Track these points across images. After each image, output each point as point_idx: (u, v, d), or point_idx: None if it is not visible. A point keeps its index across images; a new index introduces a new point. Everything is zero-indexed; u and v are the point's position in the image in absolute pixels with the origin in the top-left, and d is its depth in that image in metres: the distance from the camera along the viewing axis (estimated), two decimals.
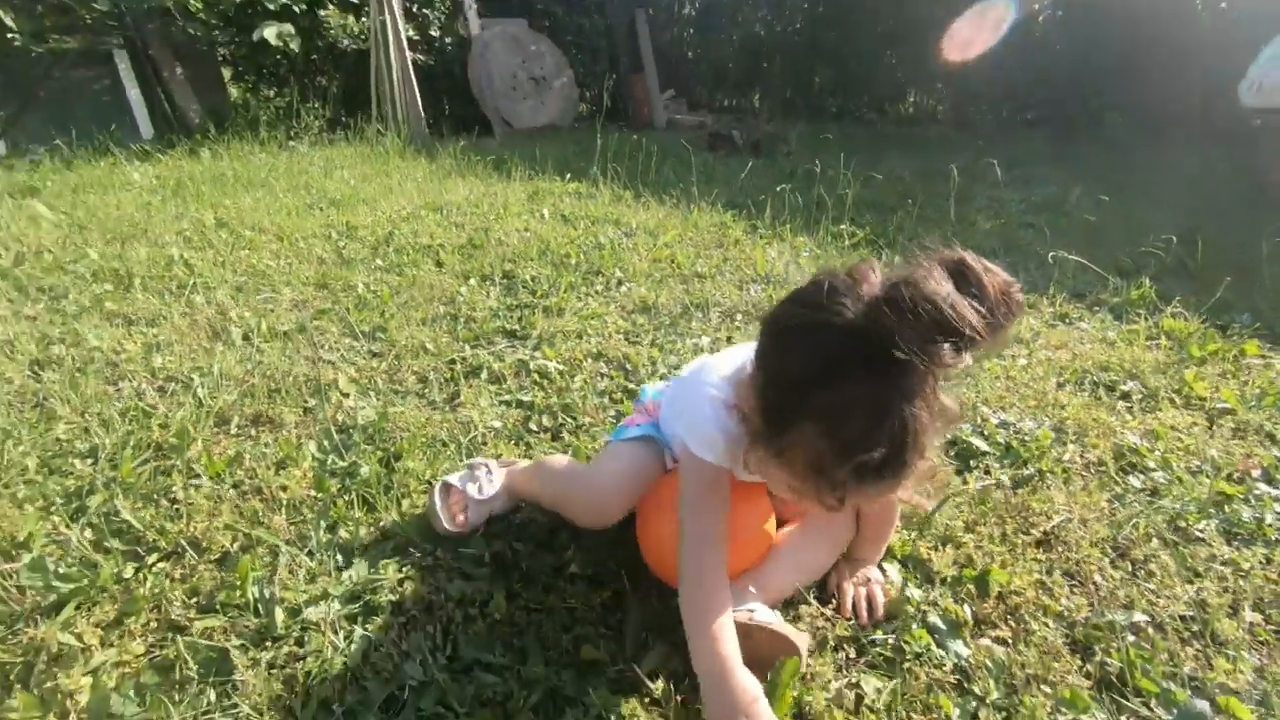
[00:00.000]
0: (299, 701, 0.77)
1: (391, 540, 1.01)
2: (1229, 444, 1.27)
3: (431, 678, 0.80)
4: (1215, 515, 1.08)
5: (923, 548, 1.01)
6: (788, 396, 0.66)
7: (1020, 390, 1.46)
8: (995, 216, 2.83)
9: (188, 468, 1.15)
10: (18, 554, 0.96)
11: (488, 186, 3.31)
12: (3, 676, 0.80)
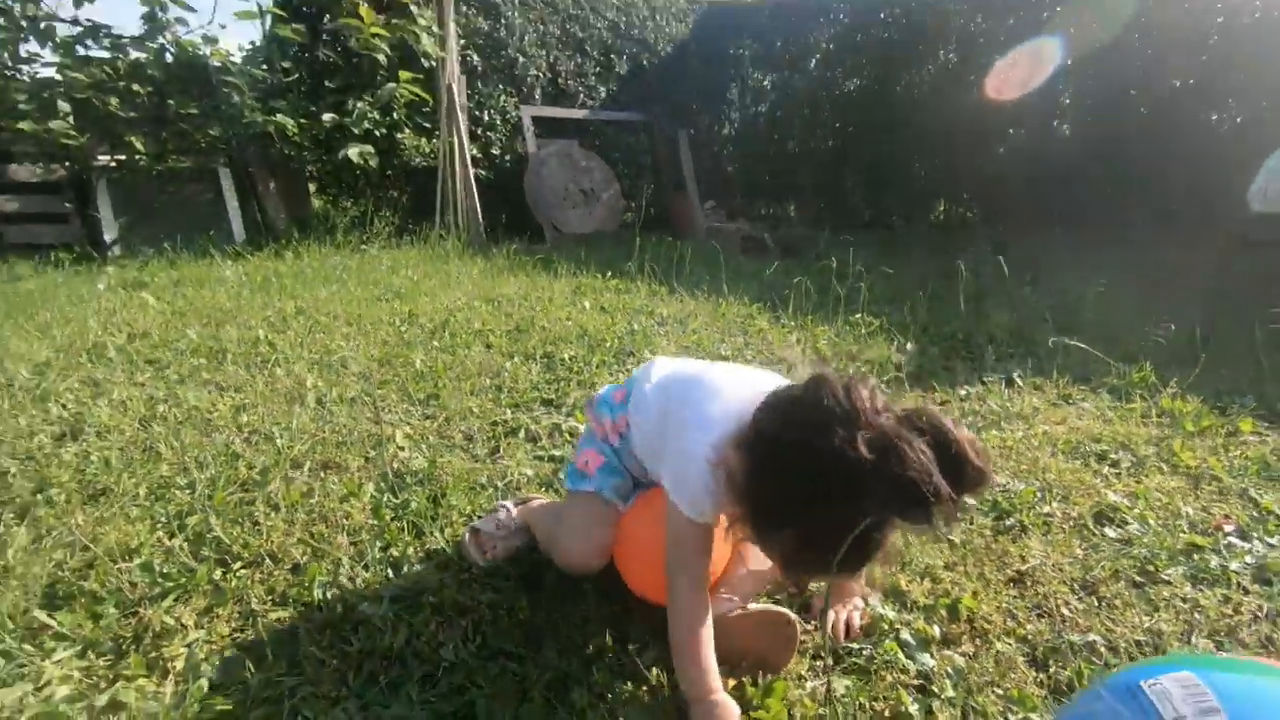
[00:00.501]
0: (351, 674, 0.92)
1: (435, 559, 1.18)
2: (1209, 504, 1.35)
3: (462, 660, 0.94)
4: (1184, 562, 1.16)
5: (902, 580, 1.12)
6: (776, 511, 0.74)
7: (1013, 457, 1.57)
8: (1010, 310, 2.97)
9: (268, 499, 1.35)
10: (131, 558, 1.15)
11: (535, 282, 3.63)
12: (120, 644, 0.97)
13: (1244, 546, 1.20)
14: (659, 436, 0.98)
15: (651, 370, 1.09)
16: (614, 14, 6.68)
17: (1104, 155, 5.17)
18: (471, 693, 0.89)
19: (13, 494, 1.36)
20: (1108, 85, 5.12)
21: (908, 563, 1.16)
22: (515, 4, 5.99)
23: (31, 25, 4.00)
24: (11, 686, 0.88)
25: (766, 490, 0.75)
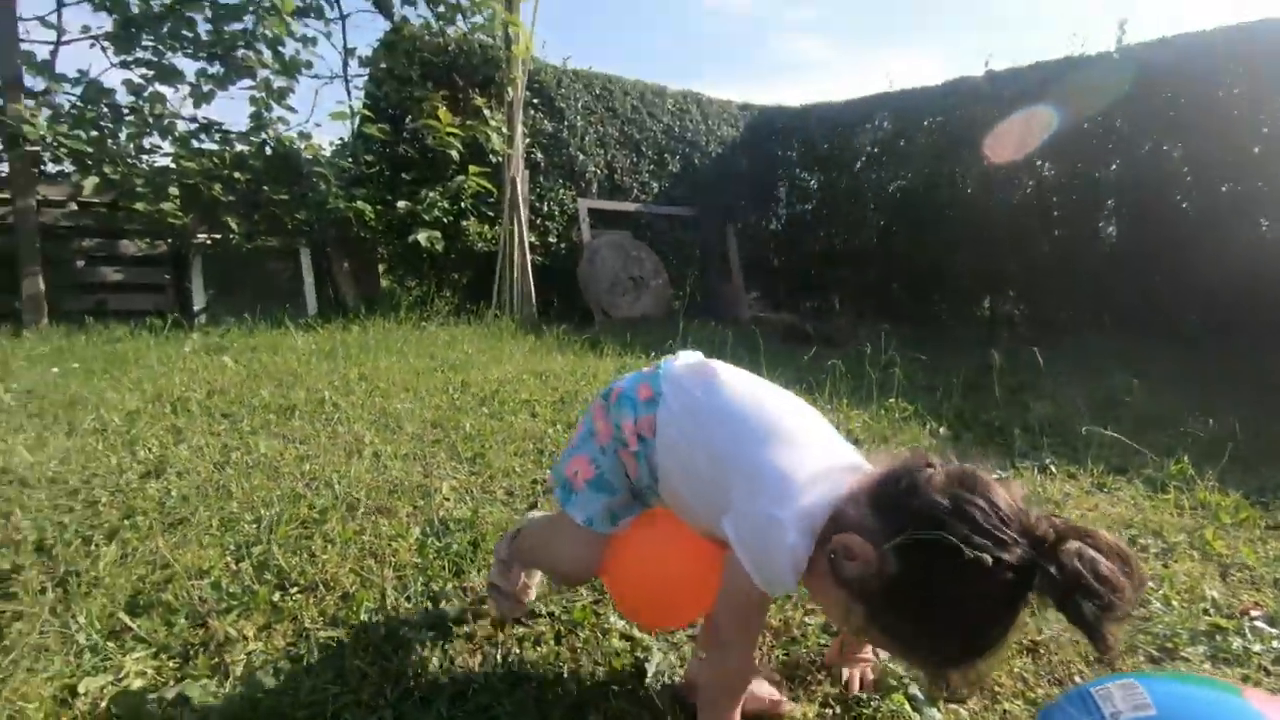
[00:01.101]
0: (389, 688, 1.00)
1: (471, 595, 1.26)
2: (1237, 590, 1.34)
3: (490, 683, 1.01)
4: (1205, 642, 1.16)
5: None
6: (924, 612, 0.68)
7: None
8: (1049, 401, 2.98)
9: (324, 535, 1.47)
10: (202, 577, 1.27)
11: (582, 360, 3.80)
12: (189, 649, 1.08)
13: (1271, 632, 1.19)
14: (710, 479, 0.88)
15: (708, 380, 0.96)
16: (669, 118, 7.17)
17: (1150, 256, 5.20)
18: (496, 710, 0.96)
19: (103, 520, 1.51)
20: (1154, 187, 5.20)
21: None
22: (578, 108, 6.50)
23: (157, 121, 4.56)
24: (95, 676, 0.99)
25: (911, 604, 0.69)
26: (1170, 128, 5.12)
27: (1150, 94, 5.11)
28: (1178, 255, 5.06)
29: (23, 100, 4.06)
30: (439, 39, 5.49)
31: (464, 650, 1.10)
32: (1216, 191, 4.97)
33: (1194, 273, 4.98)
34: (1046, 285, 5.89)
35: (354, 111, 5.17)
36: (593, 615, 1.20)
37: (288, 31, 4.80)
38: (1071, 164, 5.68)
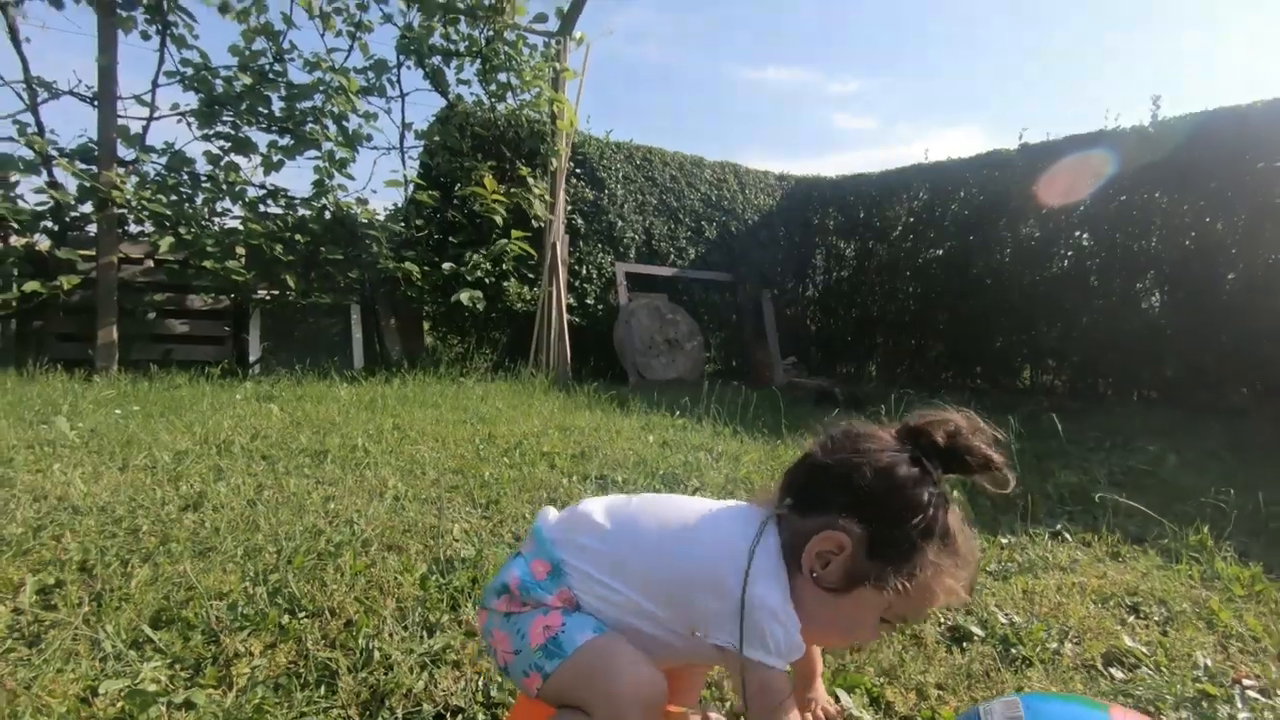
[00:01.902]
0: (376, 704, 1.07)
1: (464, 628, 1.33)
2: (1236, 660, 1.31)
3: (468, 707, 1.07)
4: (1189, 707, 1.14)
5: (889, 691, 1.16)
6: (907, 528, 0.77)
7: (1038, 600, 1.57)
8: (1077, 471, 2.92)
9: (337, 567, 1.56)
10: (221, 599, 1.37)
11: (609, 417, 3.89)
12: (200, 661, 1.17)
13: (1262, 701, 1.16)
14: (670, 600, 0.85)
15: (590, 523, 0.93)
16: (707, 188, 7.43)
17: (1195, 328, 5.08)
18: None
19: (141, 545, 1.64)
20: (1197, 259, 5.13)
21: (898, 676, 1.20)
22: (619, 177, 6.81)
23: (230, 188, 4.98)
24: (115, 680, 1.09)
25: (890, 513, 0.78)
26: (1212, 200, 5.09)
27: (1188, 167, 5.11)
28: (1224, 327, 4.95)
29: (115, 169, 4.51)
30: (490, 114, 5.88)
31: (449, 676, 1.16)
32: (1264, 263, 4.88)
33: (1242, 345, 4.85)
34: (1087, 356, 5.80)
35: (408, 180, 5.54)
36: None
37: (352, 108, 5.23)
38: (1110, 235, 5.66)
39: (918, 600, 0.80)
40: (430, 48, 5.59)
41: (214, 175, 4.97)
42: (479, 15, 5.62)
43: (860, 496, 0.80)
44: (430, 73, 5.70)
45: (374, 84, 5.42)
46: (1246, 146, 4.85)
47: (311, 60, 5.13)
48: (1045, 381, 6.36)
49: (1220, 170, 5.00)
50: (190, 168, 4.98)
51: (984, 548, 1.98)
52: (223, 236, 4.83)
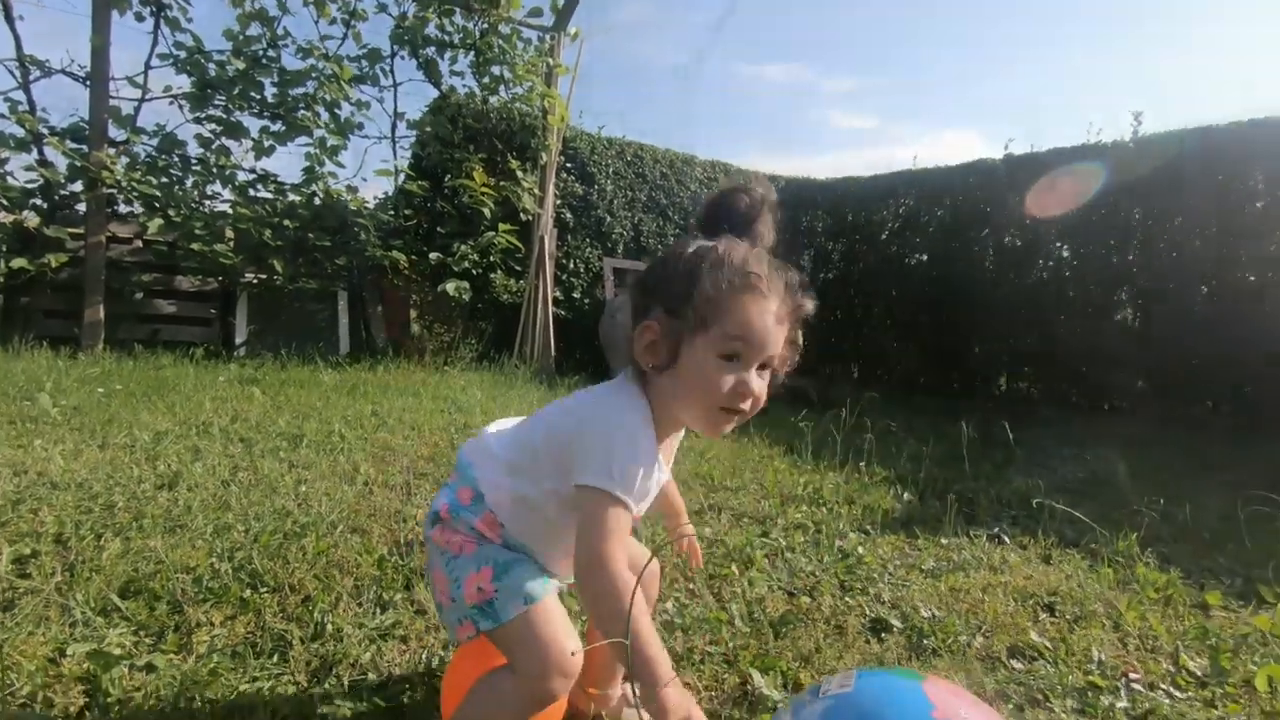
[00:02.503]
0: (324, 672, 1.16)
1: (416, 607, 1.42)
2: (1129, 655, 1.42)
3: (411, 677, 1.16)
4: (1075, 697, 1.24)
5: (803, 674, 1.26)
6: (678, 272, 0.90)
7: (962, 598, 1.67)
8: (1028, 478, 3.03)
9: (300, 547, 1.64)
10: (188, 573, 1.46)
11: None
12: (163, 629, 1.25)
13: (1144, 693, 1.27)
14: (559, 465, 0.93)
15: (488, 442, 1.05)
16: (696, 185, 7.49)
17: (1166, 341, 5.20)
18: (407, 696, 1.11)
19: (116, 519, 1.72)
20: (1174, 274, 5.25)
21: (813, 661, 1.30)
22: (609, 173, 6.87)
23: (220, 172, 5.02)
24: (82, 643, 1.17)
25: (670, 282, 0.91)
26: (1189, 216, 5.19)
27: (1168, 183, 5.22)
28: (1194, 342, 5.06)
29: (105, 149, 4.55)
30: (482, 107, 5.94)
31: (396, 649, 1.25)
32: (1234, 280, 5.00)
33: (1208, 360, 4.97)
34: (1062, 365, 5.91)
35: (398, 170, 5.59)
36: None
37: (345, 96, 5.28)
38: (1088, 247, 5.78)
39: (726, 321, 0.88)
40: (424, 38, 5.63)
41: (204, 159, 5.02)
42: (474, 7, 5.66)
43: (648, 287, 0.94)
44: (424, 63, 5.75)
45: (367, 72, 5.48)
46: (1225, 165, 4.97)
47: (305, 47, 5.18)
48: (1021, 389, 6.49)
49: (1198, 187, 5.10)
50: (181, 150, 5.02)
51: (921, 548, 2.08)
52: (212, 219, 4.88)
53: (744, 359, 0.90)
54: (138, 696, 1.07)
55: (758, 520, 2.20)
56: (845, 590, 1.70)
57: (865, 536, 2.14)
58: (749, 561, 1.84)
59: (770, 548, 1.96)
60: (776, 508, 2.32)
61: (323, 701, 1.09)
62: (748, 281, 0.89)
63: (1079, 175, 5.71)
